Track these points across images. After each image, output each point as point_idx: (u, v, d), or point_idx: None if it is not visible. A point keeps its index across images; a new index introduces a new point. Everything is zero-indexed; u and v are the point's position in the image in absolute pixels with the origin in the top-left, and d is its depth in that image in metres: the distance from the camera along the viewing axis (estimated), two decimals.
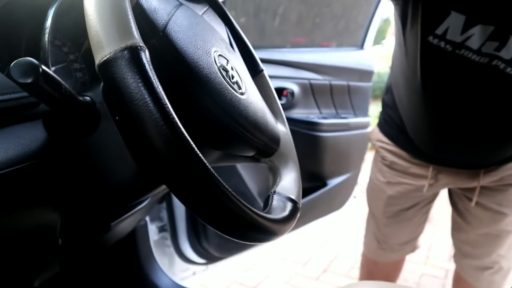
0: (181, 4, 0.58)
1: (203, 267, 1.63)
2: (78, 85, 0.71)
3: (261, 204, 1.51)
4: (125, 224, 0.92)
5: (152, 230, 1.40)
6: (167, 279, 1.36)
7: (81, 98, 0.54)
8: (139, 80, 0.38)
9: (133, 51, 0.39)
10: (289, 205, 0.63)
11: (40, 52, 0.62)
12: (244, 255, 1.91)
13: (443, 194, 1.39)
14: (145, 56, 0.40)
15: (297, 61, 1.74)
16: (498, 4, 0.81)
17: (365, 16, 2.12)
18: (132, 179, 0.60)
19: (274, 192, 0.65)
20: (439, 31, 0.87)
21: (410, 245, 1.44)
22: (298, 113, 1.71)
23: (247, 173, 1.48)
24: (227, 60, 0.62)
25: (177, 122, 0.40)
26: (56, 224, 0.61)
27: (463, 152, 1.08)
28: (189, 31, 0.56)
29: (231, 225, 0.45)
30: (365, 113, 2.05)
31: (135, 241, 1.30)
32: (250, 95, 0.65)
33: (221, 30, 0.73)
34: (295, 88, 1.68)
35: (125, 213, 0.80)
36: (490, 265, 1.23)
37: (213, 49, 0.60)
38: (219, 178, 0.43)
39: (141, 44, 0.40)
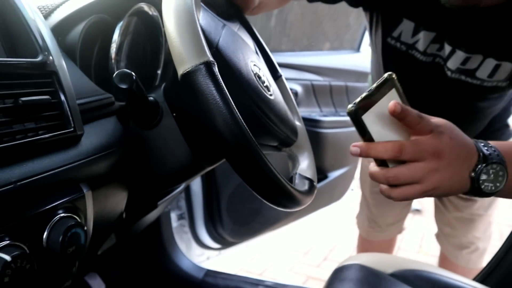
0: (225, 24, 0.74)
1: (216, 252, 1.78)
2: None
3: None
4: (153, 211, 1.07)
5: (172, 218, 1.55)
6: (187, 261, 1.52)
7: (151, 99, 0.70)
8: (212, 87, 0.53)
9: (207, 66, 0.54)
10: (308, 183, 0.79)
11: (108, 62, 0.78)
12: (250, 244, 2.07)
13: None
14: (215, 69, 0.55)
15: (300, 64, 1.90)
16: (437, 16, 0.96)
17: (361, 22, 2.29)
18: (182, 165, 0.76)
19: (296, 173, 0.81)
20: (395, 34, 1.04)
21: (397, 226, 1.61)
22: (301, 111, 1.86)
23: None
24: (259, 68, 0.77)
25: (239, 117, 0.55)
26: (124, 200, 0.76)
27: None
28: (232, 46, 0.71)
29: (272, 193, 0.61)
30: None
31: (160, 227, 1.46)
32: (276, 96, 0.81)
33: (250, 43, 0.89)
34: (298, 88, 1.84)
35: (167, 195, 0.95)
36: (467, 244, 1.40)
37: (249, 59, 0.75)
38: (267, 158, 0.58)
39: (212, 59, 0.55)
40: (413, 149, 0.58)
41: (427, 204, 3.06)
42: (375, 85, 0.58)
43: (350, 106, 0.57)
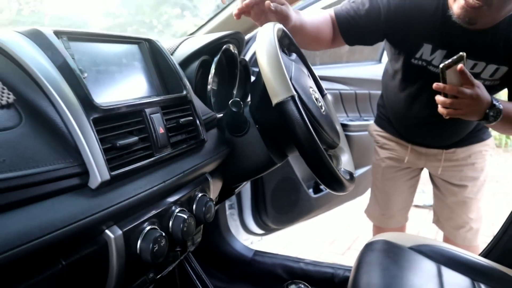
0: (292, 61, 1.04)
1: (259, 238, 2.09)
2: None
3: (305, 186, 1.98)
4: None
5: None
6: (239, 243, 1.83)
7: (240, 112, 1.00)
8: (296, 113, 0.83)
9: (293, 98, 0.83)
10: (349, 175, 1.09)
11: (206, 86, 1.09)
12: (282, 234, 2.37)
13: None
14: (297, 100, 0.84)
15: (330, 75, 2.20)
16: (449, 37, 1.27)
17: None
18: (262, 162, 1.06)
19: (341, 168, 1.11)
20: (418, 55, 1.35)
21: (404, 212, 1.89)
22: None
23: (295, 164, 1.94)
24: (315, 92, 1.08)
25: (312, 132, 0.85)
26: (219, 188, 1.07)
27: (426, 135, 1.57)
28: (299, 78, 1.01)
29: (330, 180, 0.91)
30: None
31: (217, 215, 1.77)
32: (326, 111, 1.11)
33: (304, 70, 1.19)
34: (329, 97, 2.13)
35: (240, 185, 1.26)
36: (463, 224, 1.69)
37: (309, 86, 1.05)
38: (328, 157, 0.88)
39: (294, 93, 0.84)
40: (464, 92, 1.09)
41: None
42: (455, 57, 1.08)
43: (442, 64, 1.09)
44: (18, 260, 0.48)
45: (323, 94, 1.25)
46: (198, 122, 0.88)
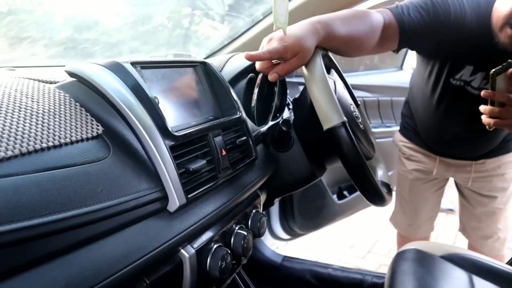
0: (332, 79, 1.08)
1: (284, 242, 2.13)
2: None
3: (330, 192, 2.02)
4: None
5: None
6: (268, 249, 1.87)
7: (284, 128, 1.04)
8: (347, 139, 0.87)
9: (344, 125, 0.87)
10: (386, 187, 1.12)
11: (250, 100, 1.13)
12: (303, 237, 2.41)
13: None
14: (348, 126, 0.88)
15: (353, 83, 2.23)
16: (491, 60, 1.26)
17: None
18: (304, 176, 1.10)
19: (378, 181, 1.15)
20: (458, 76, 1.37)
21: (431, 222, 1.92)
22: None
23: None
24: (355, 108, 1.11)
25: (362, 155, 0.88)
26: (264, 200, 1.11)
27: (457, 148, 1.59)
28: (342, 96, 1.05)
29: (373, 195, 0.95)
30: None
31: None
32: (363, 125, 1.14)
33: (340, 83, 1.22)
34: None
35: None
36: (491, 234, 1.71)
37: (350, 102, 1.09)
38: (373, 175, 0.92)
39: (345, 119, 0.88)
40: None
41: (457, 205, 3.34)
42: (505, 64, 1.12)
43: (492, 70, 1.13)
44: (118, 283, 0.52)
45: (357, 104, 1.29)
46: (251, 141, 0.92)
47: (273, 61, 0.92)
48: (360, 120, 1.11)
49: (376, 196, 0.96)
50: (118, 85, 0.66)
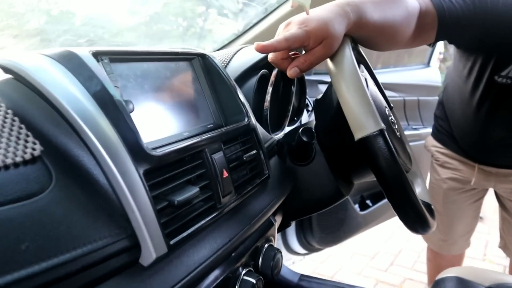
0: (366, 79, 0.87)
1: (301, 257, 1.93)
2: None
3: (352, 203, 1.81)
4: None
5: None
6: (284, 267, 1.66)
7: (304, 139, 0.84)
8: (386, 150, 0.66)
9: (382, 133, 0.67)
10: (427, 208, 0.92)
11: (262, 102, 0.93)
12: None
13: (493, 197, 1.64)
14: (387, 134, 0.68)
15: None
16: None
17: None
18: (328, 194, 0.90)
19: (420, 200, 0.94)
20: (504, 73, 1.17)
21: (467, 237, 1.71)
22: None
23: None
24: (389, 112, 0.91)
25: (403, 171, 0.68)
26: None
27: (500, 155, 1.38)
28: (376, 97, 0.85)
29: (415, 222, 0.74)
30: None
31: None
32: (400, 133, 0.94)
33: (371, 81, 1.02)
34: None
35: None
36: None
37: (384, 104, 0.88)
38: (416, 196, 0.71)
39: (384, 126, 0.68)
40: None
41: (488, 212, 3.11)
42: None
43: None
44: None
45: (390, 107, 1.08)
46: (262, 155, 0.72)
47: (290, 53, 0.71)
48: (396, 127, 0.91)
49: (419, 221, 0.75)
50: (70, 84, 0.46)
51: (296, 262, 1.95)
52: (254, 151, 0.69)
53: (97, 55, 0.50)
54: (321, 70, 1.73)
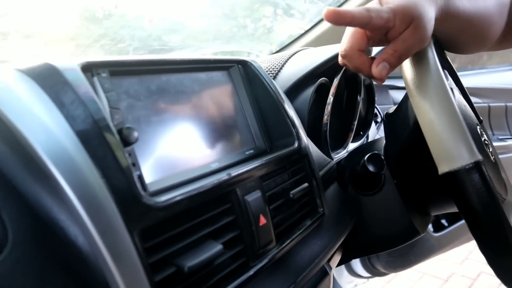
0: (452, 87, 0.70)
1: (365, 280, 1.75)
2: None
3: None
4: None
5: None
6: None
7: (371, 168, 0.67)
8: (481, 187, 0.49)
9: (478, 166, 0.49)
10: None
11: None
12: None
13: None
14: (485, 169, 0.50)
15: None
16: None
17: None
18: (399, 230, 0.73)
19: None
20: None
21: None
22: None
23: None
24: (482, 130, 0.72)
25: (502, 209, 0.51)
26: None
27: None
28: (466, 113, 0.67)
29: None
30: None
31: None
32: (494, 156, 0.75)
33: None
34: None
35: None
36: None
37: (475, 122, 0.70)
38: None
39: (481, 157, 0.51)
40: None
41: None
42: None
43: None
44: None
45: (480, 121, 0.89)
46: (317, 188, 0.57)
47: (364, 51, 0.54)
48: (490, 149, 0.72)
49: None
50: (42, 110, 0.34)
51: (358, 284, 1.76)
52: (306, 184, 0.54)
53: (90, 68, 0.37)
54: (393, 73, 1.54)
